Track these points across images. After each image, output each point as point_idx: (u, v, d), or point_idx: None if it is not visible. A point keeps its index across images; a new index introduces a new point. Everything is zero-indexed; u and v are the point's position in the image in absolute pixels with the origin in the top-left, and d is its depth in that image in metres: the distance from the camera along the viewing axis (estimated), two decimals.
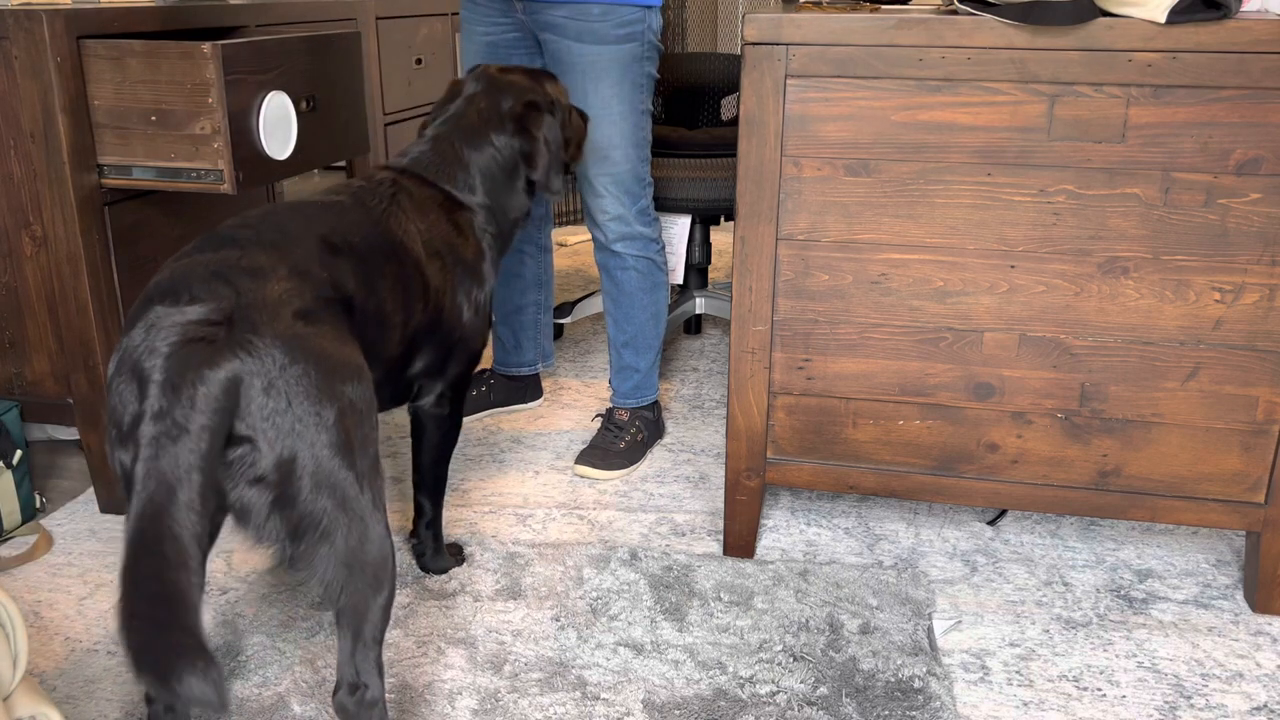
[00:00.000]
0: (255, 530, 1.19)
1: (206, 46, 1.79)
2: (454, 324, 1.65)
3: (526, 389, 2.57)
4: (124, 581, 1.05)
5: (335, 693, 1.29)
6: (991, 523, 2.05)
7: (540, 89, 1.82)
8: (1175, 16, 1.51)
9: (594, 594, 1.79)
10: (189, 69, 1.81)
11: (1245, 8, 1.62)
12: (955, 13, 1.63)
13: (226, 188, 1.87)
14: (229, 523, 1.22)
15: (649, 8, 2.04)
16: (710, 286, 3.09)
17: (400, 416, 1.81)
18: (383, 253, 1.47)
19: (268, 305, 1.18)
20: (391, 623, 1.70)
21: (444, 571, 1.84)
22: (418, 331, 1.56)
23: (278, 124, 1.97)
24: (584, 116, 1.98)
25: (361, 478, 1.22)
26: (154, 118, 1.85)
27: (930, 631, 1.69)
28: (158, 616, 1.03)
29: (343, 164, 2.86)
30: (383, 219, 1.52)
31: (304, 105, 2.06)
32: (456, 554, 1.88)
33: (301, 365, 1.16)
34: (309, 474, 1.17)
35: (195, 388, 1.09)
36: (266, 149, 1.94)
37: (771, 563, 1.88)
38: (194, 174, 1.87)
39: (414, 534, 1.85)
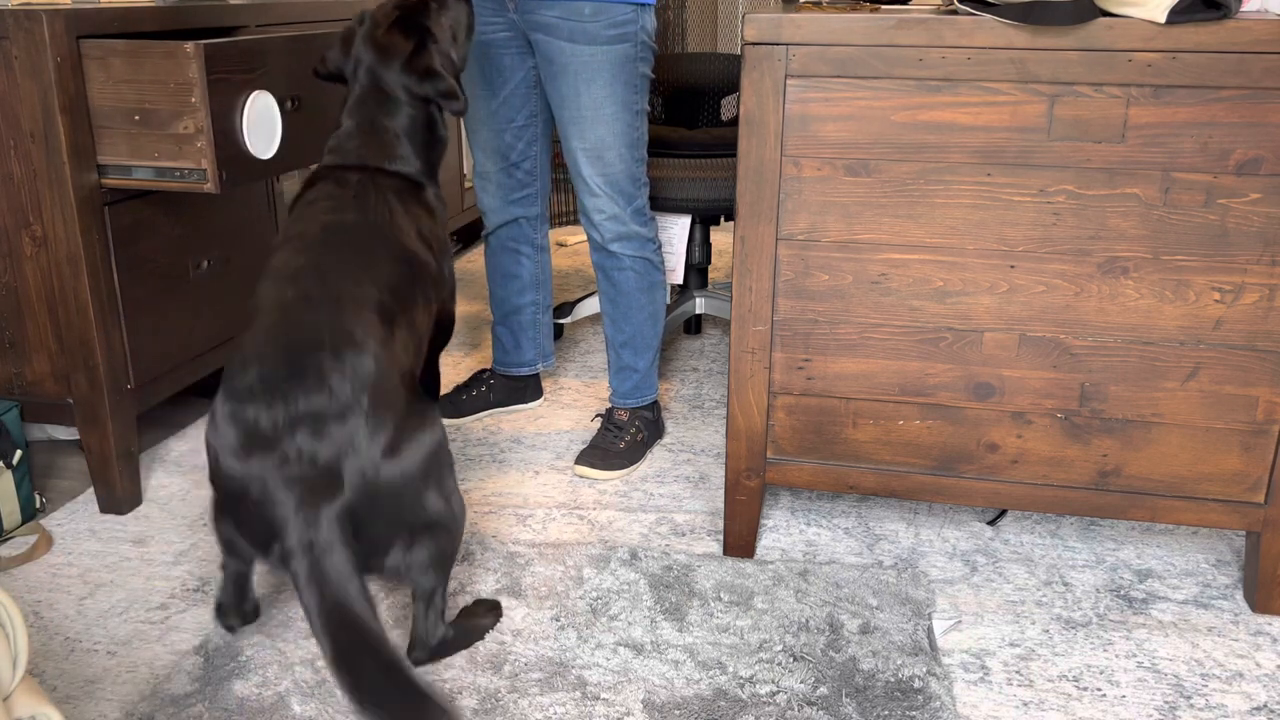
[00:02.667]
0: (396, 577, 1.47)
1: (189, 46, 1.80)
2: (447, 306, 1.77)
3: (526, 389, 2.57)
4: (346, 669, 1.25)
5: (410, 651, 1.57)
6: (991, 523, 2.05)
7: (411, 19, 1.79)
8: (1175, 16, 1.51)
9: (594, 594, 1.79)
10: (172, 68, 1.82)
11: (1245, 8, 1.62)
12: (955, 13, 1.63)
13: (210, 187, 1.87)
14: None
15: (642, 7, 2.03)
16: (710, 286, 3.09)
17: None
18: (412, 280, 1.57)
19: (365, 430, 1.35)
20: (391, 623, 1.70)
21: None
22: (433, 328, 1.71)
23: (262, 123, 1.97)
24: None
25: (448, 496, 1.47)
26: (137, 117, 1.86)
27: (930, 631, 1.69)
28: (395, 682, 1.25)
29: None
30: (394, 235, 1.58)
31: (289, 105, 2.06)
32: None
33: (400, 470, 1.39)
34: (424, 527, 1.45)
35: (323, 522, 1.30)
36: (250, 148, 1.95)
37: (771, 563, 1.88)
38: (178, 173, 1.88)
39: None
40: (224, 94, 1.87)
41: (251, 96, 1.93)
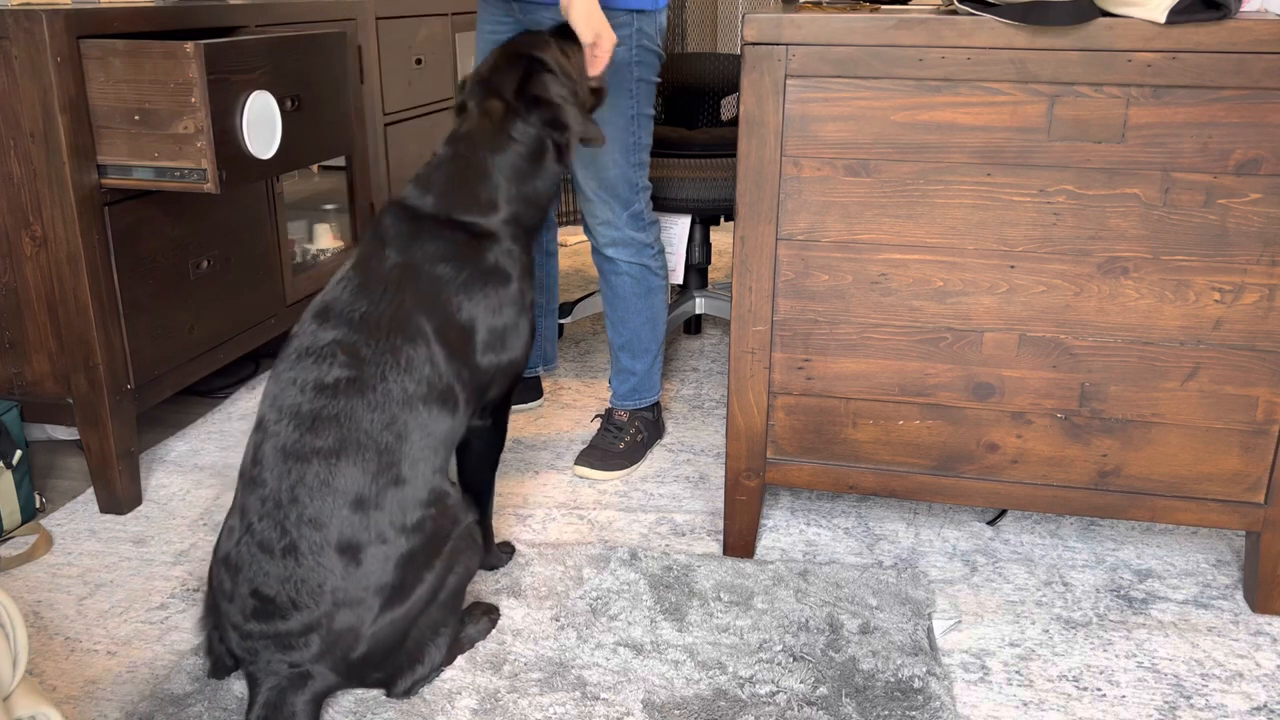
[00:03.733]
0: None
1: (189, 46, 1.80)
2: (493, 365, 1.62)
3: (527, 390, 2.57)
4: None
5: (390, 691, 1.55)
6: (991, 523, 2.05)
7: (528, 53, 1.70)
8: (1175, 16, 1.51)
9: (594, 594, 1.79)
10: (172, 68, 1.82)
11: (1245, 8, 1.62)
12: (955, 13, 1.63)
13: (209, 187, 1.87)
14: None
15: (639, 11, 2.02)
16: (710, 286, 3.09)
17: None
18: (424, 407, 1.50)
19: (338, 641, 1.43)
20: None
21: (494, 568, 1.87)
22: (473, 391, 1.62)
23: (261, 123, 1.97)
24: (579, 44, 1.79)
25: (433, 637, 1.54)
26: (137, 117, 1.86)
27: (930, 631, 1.69)
28: None
29: (342, 163, 2.86)
30: (404, 357, 1.49)
31: (288, 104, 2.06)
32: (509, 551, 1.91)
33: (374, 647, 1.46)
34: (407, 665, 1.53)
35: (294, 707, 1.42)
36: (250, 148, 1.95)
37: (771, 563, 1.88)
38: (178, 173, 1.88)
39: None
40: (224, 94, 1.87)
41: (251, 96, 1.94)
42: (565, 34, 1.77)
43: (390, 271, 1.54)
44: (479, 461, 1.81)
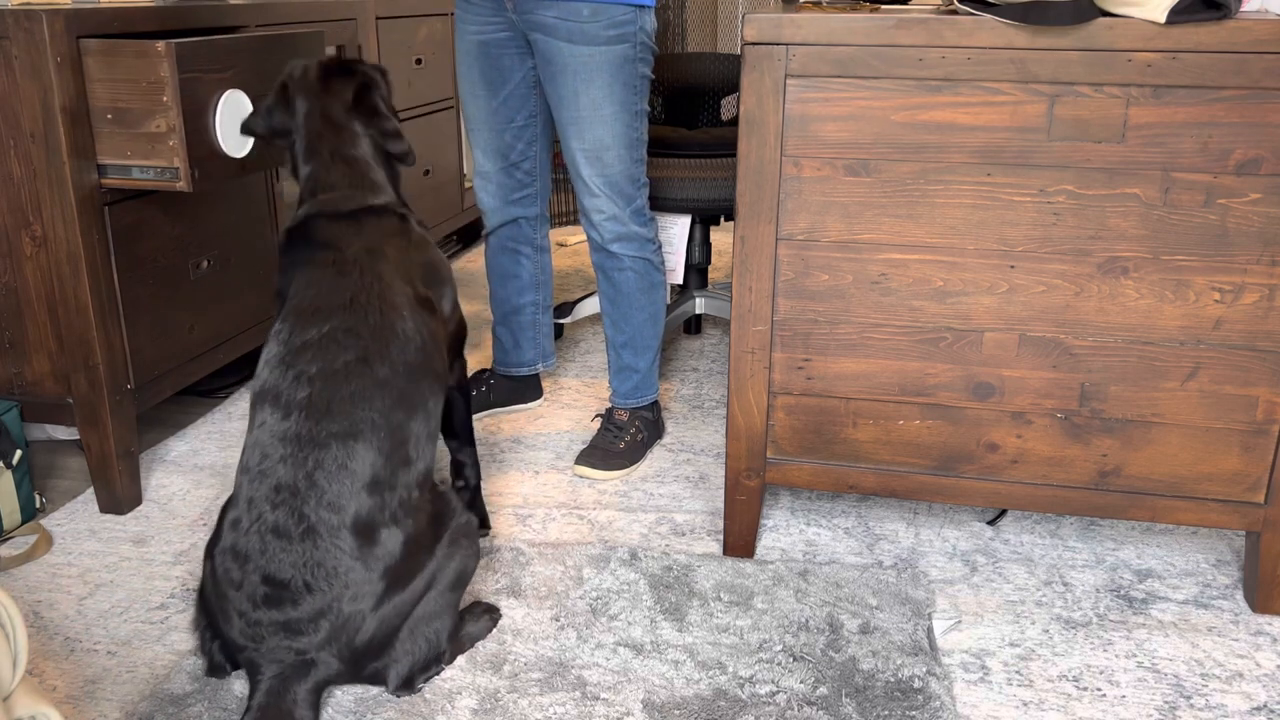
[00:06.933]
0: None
1: (161, 45, 1.80)
2: (453, 321, 1.77)
3: (526, 389, 2.57)
4: None
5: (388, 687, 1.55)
6: (991, 523, 2.05)
7: (360, 67, 1.79)
8: (1175, 16, 1.51)
9: (594, 594, 1.79)
10: (143, 67, 1.82)
11: (1245, 8, 1.62)
12: (955, 13, 1.63)
13: (182, 185, 1.88)
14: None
15: (641, 8, 2.03)
16: (710, 286, 3.09)
17: None
18: (416, 381, 1.54)
19: (345, 625, 1.43)
20: None
21: (485, 520, 1.97)
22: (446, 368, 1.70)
23: (235, 122, 1.97)
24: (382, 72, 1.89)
25: (433, 632, 1.53)
26: (110, 115, 1.86)
27: (930, 631, 1.69)
28: None
29: None
30: (394, 338, 1.53)
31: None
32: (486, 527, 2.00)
33: (379, 631, 1.47)
34: (405, 655, 1.52)
35: (296, 695, 1.42)
36: (223, 147, 1.95)
37: (771, 563, 1.88)
38: (151, 171, 1.88)
39: (456, 486, 1.97)
40: (197, 93, 1.87)
41: (224, 95, 1.93)
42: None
43: (356, 260, 1.58)
44: (461, 422, 1.91)
